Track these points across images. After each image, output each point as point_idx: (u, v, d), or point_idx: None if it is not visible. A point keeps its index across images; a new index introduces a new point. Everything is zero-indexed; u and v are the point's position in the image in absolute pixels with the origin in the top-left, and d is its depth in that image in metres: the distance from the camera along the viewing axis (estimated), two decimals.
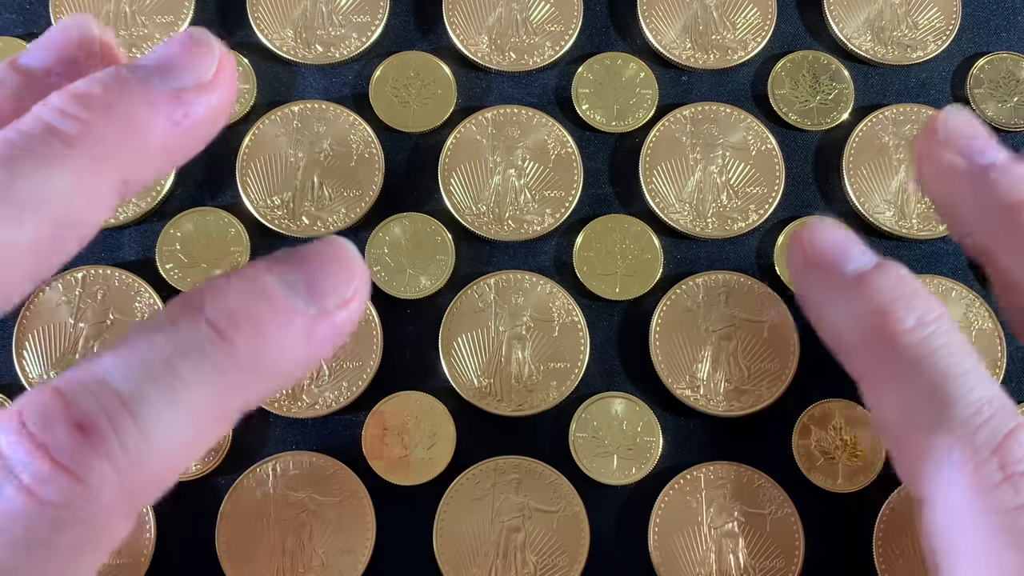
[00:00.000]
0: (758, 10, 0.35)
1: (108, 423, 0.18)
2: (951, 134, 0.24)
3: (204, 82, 0.20)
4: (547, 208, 0.33)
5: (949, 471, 0.20)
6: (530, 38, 0.35)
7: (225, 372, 0.19)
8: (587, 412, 0.31)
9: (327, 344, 0.20)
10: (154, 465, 0.18)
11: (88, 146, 0.19)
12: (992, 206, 0.23)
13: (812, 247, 0.24)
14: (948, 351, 0.22)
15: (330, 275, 0.20)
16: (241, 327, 0.19)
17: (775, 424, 0.32)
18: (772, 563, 0.30)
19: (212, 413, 0.19)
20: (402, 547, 0.30)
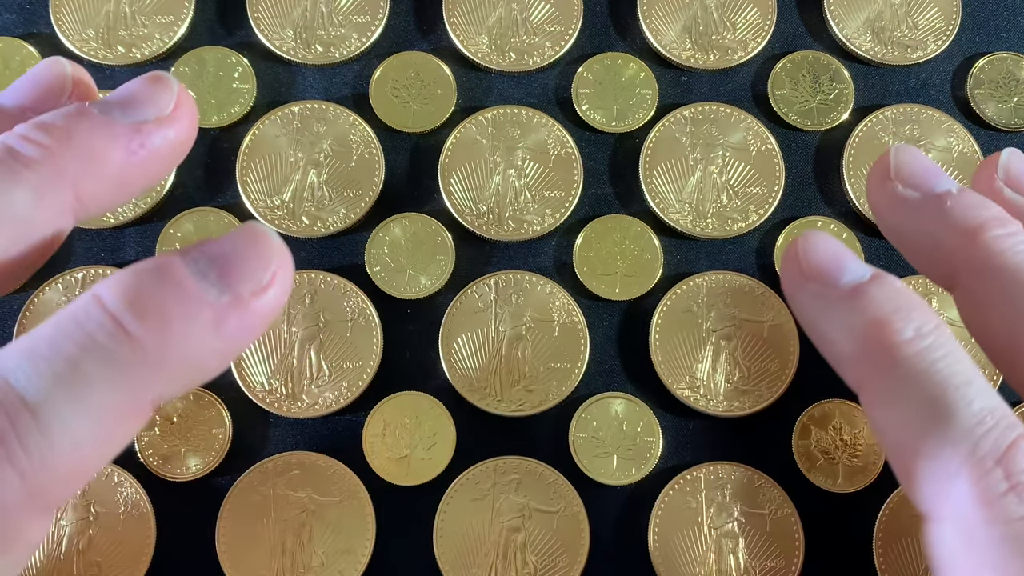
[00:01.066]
0: (758, 10, 0.35)
1: (9, 426, 0.17)
2: (902, 169, 0.25)
3: (163, 115, 0.21)
4: (547, 208, 0.33)
5: (953, 483, 0.20)
6: (530, 38, 0.35)
7: (130, 368, 0.18)
8: (587, 412, 0.31)
9: (243, 333, 0.19)
10: (59, 466, 0.18)
11: (46, 168, 0.20)
12: (951, 233, 0.23)
13: (807, 259, 0.24)
14: (947, 362, 0.21)
15: (245, 260, 0.19)
16: (146, 320, 0.18)
17: (775, 424, 0.32)
18: (772, 563, 0.30)
19: (120, 410, 0.18)
20: (402, 547, 0.30)
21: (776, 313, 0.32)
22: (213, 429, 0.31)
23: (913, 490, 0.21)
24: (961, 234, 0.23)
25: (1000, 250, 0.23)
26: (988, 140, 0.34)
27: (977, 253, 0.23)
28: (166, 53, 0.34)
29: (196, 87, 0.34)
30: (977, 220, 0.23)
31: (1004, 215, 0.23)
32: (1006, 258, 0.22)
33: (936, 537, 0.21)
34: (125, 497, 0.30)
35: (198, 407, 0.31)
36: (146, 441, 0.30)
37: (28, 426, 0.18)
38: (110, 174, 0.21)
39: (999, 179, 0.25)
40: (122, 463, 0.30)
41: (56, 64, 0.23)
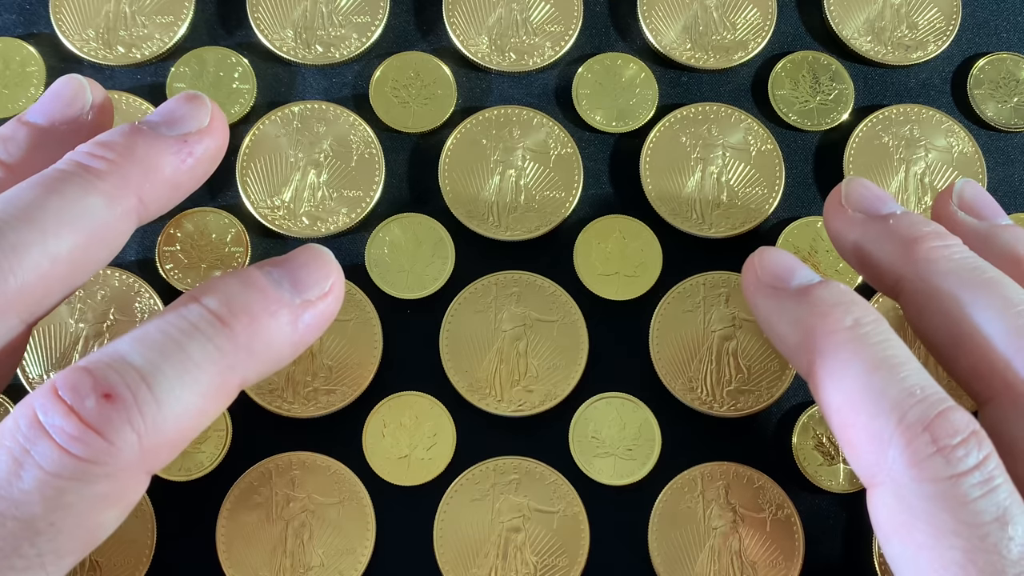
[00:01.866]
0: (758, 10, 0.35)
1: (129, 393, 0.21)
2: (851, 196, 0.28)
3: (202, 127, 0.26)
4: (547, 208, 0.33)
5: (887, 449, 0.23)
6: (530, 38, 0.35)
7: (225, 352, 0.23)
8: (587, 412, 0.31)
9: (312, 330, 0.24)
10: (168, 430, 0.22)
11: (114, 178, 0.24)
12: (893, 245, 0.27)
13: (762, 267, 0.27)
14: (883, 346, 0.24)
15: (311, 272, 0.25)
16: (238, 315, 0.23)
17: (775, 424, 0.32)
18: (772, 563, 0.30)
19: (215, 387, 0.23)
20: (402, 547, 0.30)
21: None
22: (213, 429, 0.31)
23: (856, 461, 0.24)
24: (902, 246, 0.26)
25: (936, 258, 0.26)
26: (988, 140, 0.35)
27: (917, 262, 0.26)
28: (166, 53, 0.34)
29: (196, 87, 0.34)
30: (916, 233, 0.26)
31: (942, 230, 0.27)
32: (940, 265, 0.25)
33: (876, 502, 0.23)
34: None
35: None
36: None
37: (145, 394, 0.21)
38: (164, 180, 0.25)
39: (953, 204, 0.29)
40: None
41: (73, 80, 0.27)
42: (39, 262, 0.22)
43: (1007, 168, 0.34)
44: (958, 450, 0.22)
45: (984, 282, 0.25)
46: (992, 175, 0.34)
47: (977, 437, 0.22)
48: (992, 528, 0.21)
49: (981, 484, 0.22)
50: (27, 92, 0.33)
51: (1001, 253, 0.27)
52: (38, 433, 0.21)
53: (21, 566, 0.20)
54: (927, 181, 0.34)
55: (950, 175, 0.34)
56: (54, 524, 0.21)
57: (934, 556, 0.22)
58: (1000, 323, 0.24)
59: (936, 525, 0.22)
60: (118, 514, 0.22)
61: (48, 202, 0.23)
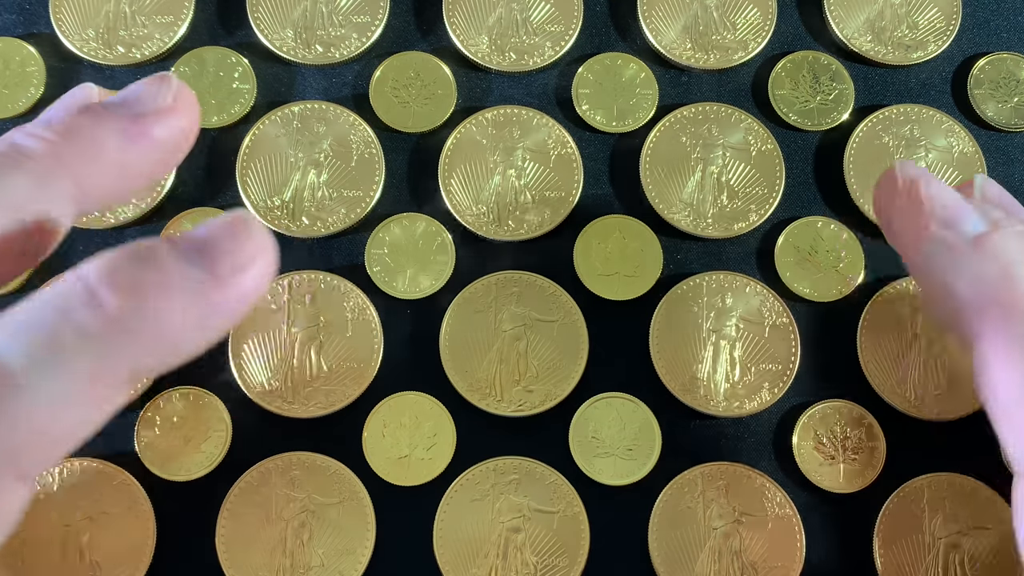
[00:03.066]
0: (758, 10, 0.35)
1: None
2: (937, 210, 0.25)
3: (163, 106, 0.23)
4: (547, 208, 0.33)
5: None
6: (530, 38, 0.35)
7: (103, 338, 0.19)
8: (587, 412, 0.31)
9: (223, 313, 0.20)
10: (34, 427, 0.18)
11: (46, 158, 0.21)
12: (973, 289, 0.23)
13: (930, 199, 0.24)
14: None
15: (225, 243, 0.20)
16: (120, 294, 0.19)
17: (775, 424, 0.32)
18: (772, 563, 0.30)
19: (94, 377, 0.19)
20: (402, 547, 0.30)
21: (776, 313, 0.32)
22: (213, 429, 0.31)
23: (1016, 446, 0.21)
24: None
25: None
26: (988, 140, 0.35)
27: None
28: (166, 53, 0.34)
29: (196, 87, 0.34)
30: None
31: None
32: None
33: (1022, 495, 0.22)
34: (125, 497, 0.30)
35: (198, 407, 0.31)
36: (146, 441, 0.30)
37: (2, 386, 0.18)
38: (109, 162, 0.22)
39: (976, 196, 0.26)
40: (122, 463, 0.30)
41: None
42: None
43: (1007, 168, 0.34)
44: None
45: None
46: (992, 175, 0.34)
47: None
48: None
49: None
50: (27, 92, 0.33)
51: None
52: None
53: None
54: None
55: (951, 175, 0.34)
56: None
57: None
58: None
59: None
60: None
61: None
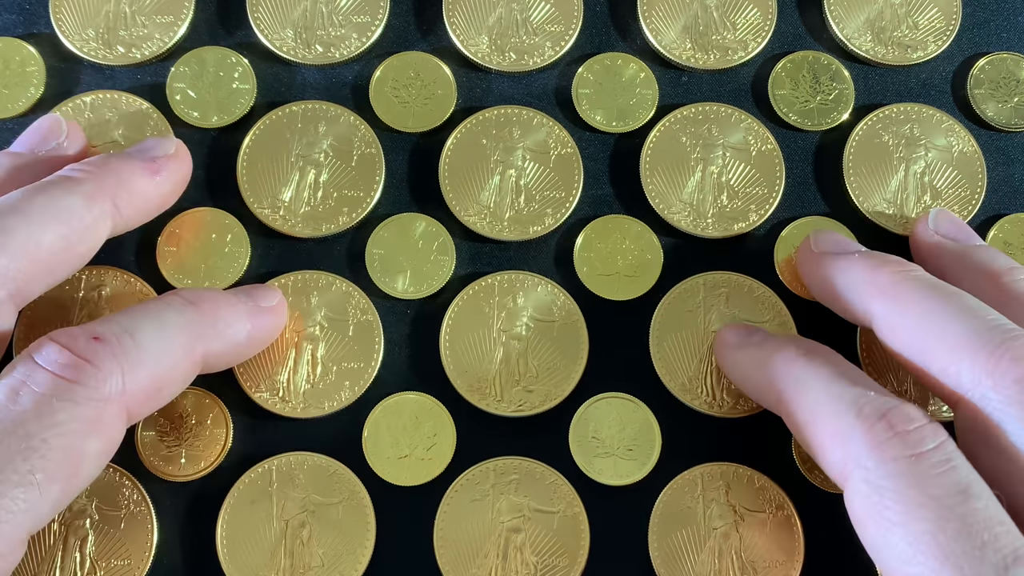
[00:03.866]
0: (758, 10, 0.35)
1: (114, 336, 0.26)
2: (820, 241, 0.31)
3: (169, 154, 0.31)
4: (547, 208, 0.33)
5: (851, 441, 0.25)
6: (530, 38, 0.35)
7: (193, 323, 0.28)
8: (587, 412, 0.31)
9: (262, 328, 0.30)
10: (146, 374, 0.26)
11: (91, 183, 0.28)
12: (859, 274, 0.29)
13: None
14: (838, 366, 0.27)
15: (261, 291, 0.31)
16: (204, 301, 0.28)
17: (775, 424, 0.32)
18: (772, 563, 0.30)
19: (184, 348, 0.27)
20: (402, 547, 0.30)
21: (776, 314, 0.32)
22: (214, 429, 0.31)
23: (827, 462, 0.26)
24: (868, 275, 0.28)
25: (901, 279, 0.28)
26: (988, 140, 0.35)
27: (884, 284, 0.28)
28: (166, 53, 0.34)
29: (196, 87, 0.34)
30: (881, 262, 0.29)
31: (904, 261, 0.29)
32: (906, 284, 0.27)
33: (849, 494, 0.25)
34: (125, 497, 0.30)
35: (199, 407, 0.31)
36: (146, 441, 0.31)
37: (128, 340, 0.26)
38: (136, 190, 0.30)
39: (930, 228, 0.31)
40: (122, 463, 0.30)
41: (51, 117, 0.32)
42: (25, 244, 0.27)
43: (1007, 168, 0.34)
44: (914, 434, 0.24)
45: (947, 294, 0.27)
46: (992, 175, 0.34)
47: (931, 426, 0.25)
48: (957, 499, 0.23)
49: (942, 463, 0.24)
50: (27, 92, 0.33)
51: (978, 269, 0.29)
52: (34, 368, 0.25)
53: (15, 480, 0.23)
54: (927, 180, 0.34)
55: (950, 174, 0.34)
56: (46, 441, 0.24)
57: (906, 531, 0.23)
58: (959, 328, 0.26)
59: (904, 501, 0.23)
60: (100, 448, 0.25)
61: (34, 198, 0.27)
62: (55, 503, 0.24)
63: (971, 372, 0.25)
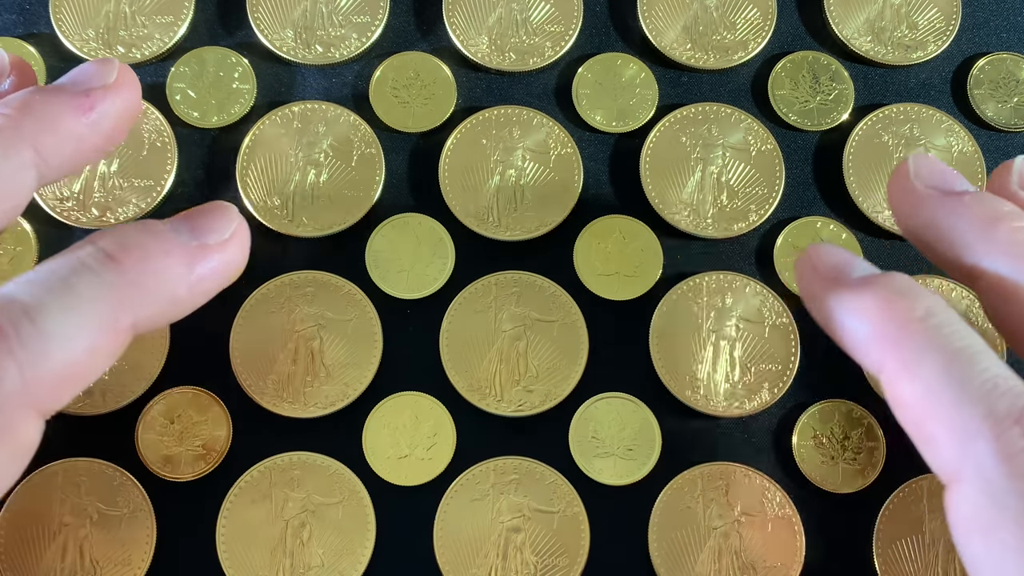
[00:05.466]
0: (758, 10, 0.35)
1: (9, 323, 0.21)
2: (922, 171, 0.26)
3: (108, 83, 0.26)
4: (546, 208, 0.33)
5: (974, 442, 0.21)
6: (530, 38, 0.35)
7: (114, 287, 0.23)
8: (587, 412, 0.31)
9: (210, 275, 0.25)
10: (54, 363, 0.21)
11: (7, 130, 0.24)
12: (971, 226, 0.25)
13: (820, 260, 0.26)
14: (959, 335, 0.22)
15: (210, 220, 0.25)
16: (129, 251, 0.23)
17: (775, 424, 0.32)
18: (772, 563, 0.30)
19: (104, 323, 0.22)
20: (402, 547, 0.30)
21: (776, 313, 0.32)
22: (213, 429, 0.31)
23: (936, 455, 0.22)
24: (981, 227, 0.24)
25: (1020, 240, 0.24)
26: (988, 140, 0.35)
27: (998, 244, 0.24)
28: (166, 53, 0.34)
29: (196, 87, 0.34)
30: (997, 213, 0.24)
31: (1021, 211, 0.25)
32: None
33: (958, 498, 0.22)
34: (125, 497, 0.30)
35: (198, 407, 0.31)
36: (146, 441, 0.31)
37: (26, 327, 0.21)
38: (65, 133, 0.25)
39: (1013, 182, 0.26)
40: (122, 463, 0.30)
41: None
42: None
43: None
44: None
45: None
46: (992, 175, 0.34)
47: None
48: None
49: None
50: None
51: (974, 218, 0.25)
52: None
53: None
54: None
55: None
56: None
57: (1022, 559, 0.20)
58: None
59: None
60: (8, 456, 0.22)
61: None
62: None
63: None
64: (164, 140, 0.33)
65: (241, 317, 0.32)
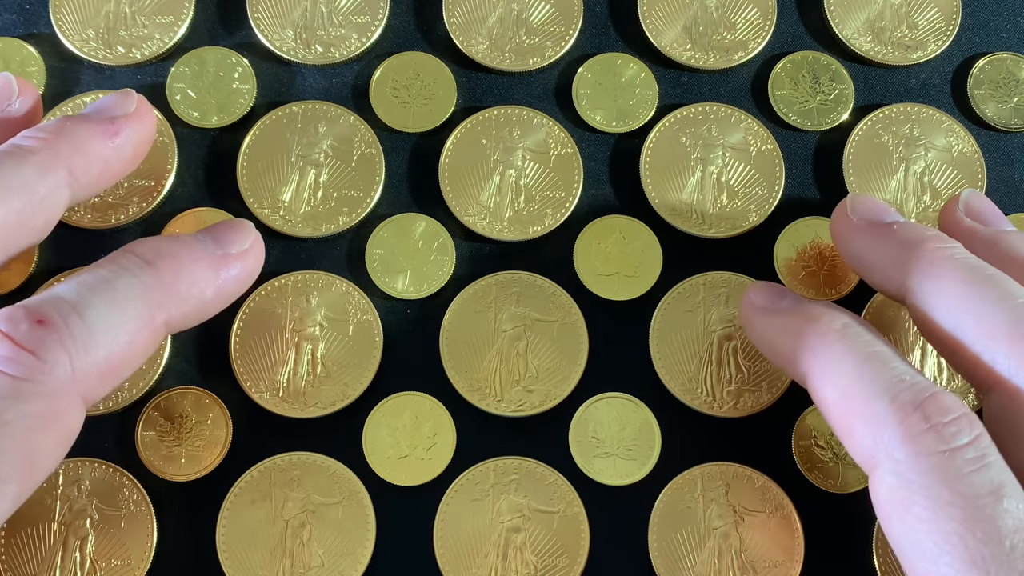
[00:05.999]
0: (758, 10, 0.35)
1: (60, 318, 0.24)
2: (859, 207, 0.30)
3: (129, 112, 0.29)
4: (547, 208, 0.33)
5: (883, 429, 0.24)
6: (530, 38, 0.35)
7: (151, 288, 0.26)
8: (587, 412, 0.31)
9: (233, 280, 0.28)
10: (98, 354, 0.24)
11: (45, 152, 0.27)
12: (899, 247, 0.28)
13: (757, 296, 0.29)
14: (871, 343, 0.26)
15: (232, 233, 0.28)
16: (164, 258, 0.26)
17: (775, 424, 0.32)
18: (772, 563, 0.30)
19: (142, 319, 0.25)
20: (402, 547, 0.30)
21: None
22: (214, 429, 0.31)
23: (855, 448, 0.25)
24: (906, 248, 0.27)
25: (939, 257, 0.27)
26: (988, 140, 0.35)
27: (921, 261, 0.27)
28: (166, 53, 0.34)
29: (196, 87, 0.34)
30: (920, 235, 0.28)
31: (943, 235, 0.28)
32: (944, 263, 0.26)
33: (875, 483, 0.24)
34: (125, 497, 0.30)
35: (199, 407, 0.31)
36: (146, 441, 0.31)
37: (75, 320, 0.24)
38: (93, 155, 0.28)
39: (960, 211, 0.30)
40: (122, 463, 0.30)
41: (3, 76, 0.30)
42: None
43: (1007, 168, 0.34)
44: (950, 427, 0.23)
45: (985, 277, 0.26)
46: (992, 175, 0.34)
47: (968, 418, 0.23)
48: (988, 500, 0.22)
49: (975, 460, 0.23)
50: None
51: (1005, 256, 0.28)
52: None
53: None
54: (927, 180, 0.34)
55: (950, 174, 0.34)
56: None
57: (933, 529, 0.22)
58: (1000, 314, 0.25)
59: (933, 499, 0.23)
60: (56, 441, 0.24)
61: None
62: (15, 499, 0.23)
63: (1008, 359, 0.25)
64: (164, 140, 0.33)
65: (241, 317, 0.32)
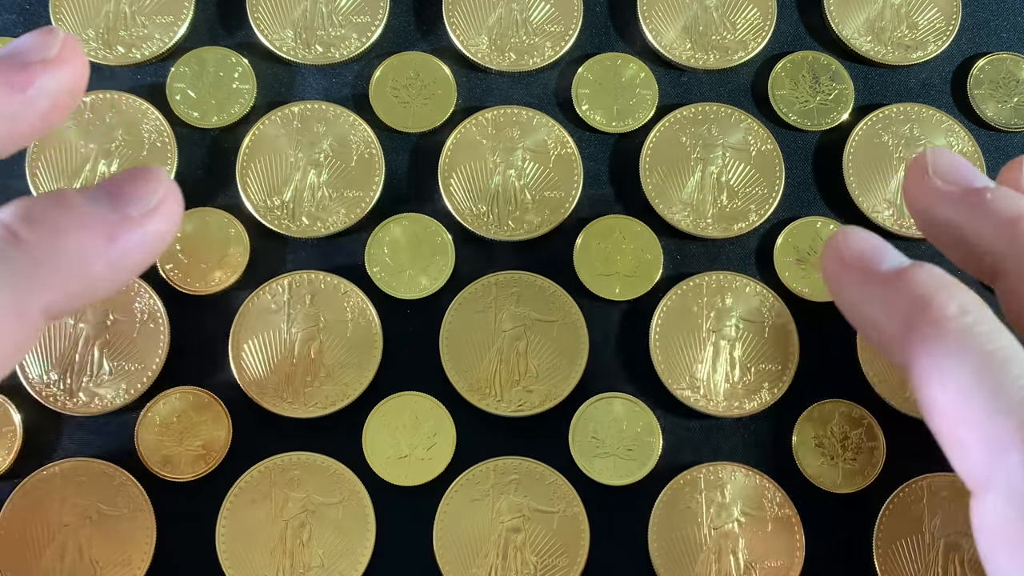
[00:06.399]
0: (758, 10, 0.35)
1: None
2: (941, 166, 0.25)
3: (49, 57, 0.22)
4: (547, 208, 0.33)
5: (1007, 453, 0.20)
6: (530, 38, 0.35)
7: (21, 271, 0.20)
8: (587, 412, 0.31)
9: (135, 249, 0.22)
10: None
11: None
12: (992, 224, 0.24)
13: (847, 249, 0.24)
14: (992, 336, 0.22)
15: (133, 188, 0.22)
16: (36, 226, 0.20)
17: (775, 424, 0.32)
18: (772, 563, 0.30)
19: (10, 312, 0.20)
20: (402, 547, 0.30)
21: (776, 313, 0.32)
22: (213, 429, 0.31)
23: (964, 461, 0.21)
24: (1003, 224, 0.23)
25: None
26: (988, 140, 0.35)
27: (1020, 242, 0.23)
28: (166, 53, 0.34)
29: (196, 87, 0.34)
30: (1020, 211, 0.23)
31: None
32: None
33: (984, 507, 0.21)
34: (125, 497, 0.30)
35: (198, 407, 0.31)
36: (146, 441, 0.30)
37: None
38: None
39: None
40: (122, 463, 0.30)
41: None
42: None
43: None
44: None
45: None
46: (992, 175, 0.34)
47: None
48: None
49: None
50: None
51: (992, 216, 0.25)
52: None
53: None
54: None
55: None
56: None
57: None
58: None
59: None
60: None
61: None
62: None
63: None
64: (164, 140, 0.33)
65: (241, 317, 0.32)
